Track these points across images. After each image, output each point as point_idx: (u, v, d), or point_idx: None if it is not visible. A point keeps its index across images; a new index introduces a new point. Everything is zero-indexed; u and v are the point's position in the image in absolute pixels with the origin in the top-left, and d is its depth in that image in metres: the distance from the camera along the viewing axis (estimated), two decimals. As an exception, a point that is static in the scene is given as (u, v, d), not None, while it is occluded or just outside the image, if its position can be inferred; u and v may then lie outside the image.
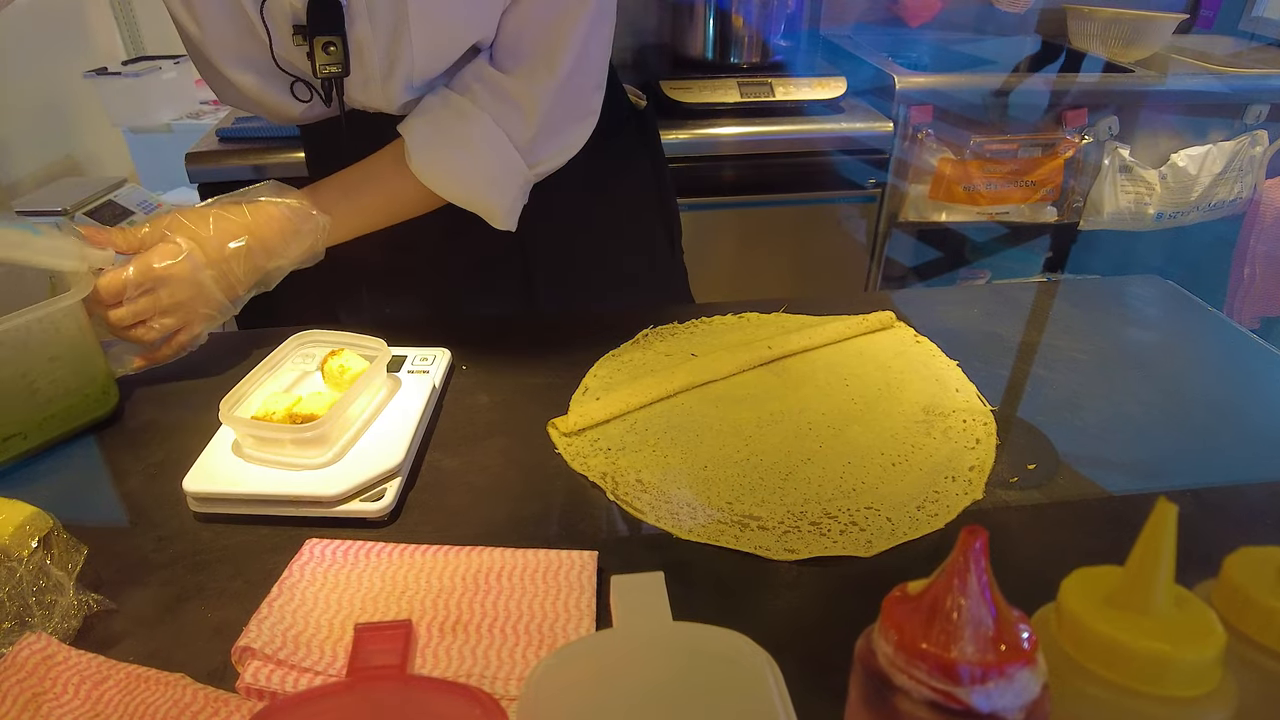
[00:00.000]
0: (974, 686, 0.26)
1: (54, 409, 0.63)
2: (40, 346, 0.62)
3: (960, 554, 0.27)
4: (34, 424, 0.62)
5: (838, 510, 0.60)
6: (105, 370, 0.67)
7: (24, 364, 0.61)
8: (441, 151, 0.74)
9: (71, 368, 0.64)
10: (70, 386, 0.64)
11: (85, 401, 0.65)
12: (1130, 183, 1.71)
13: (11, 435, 0.61)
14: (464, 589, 0.51)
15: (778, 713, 0.32)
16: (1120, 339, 0.83)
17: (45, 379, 0.62)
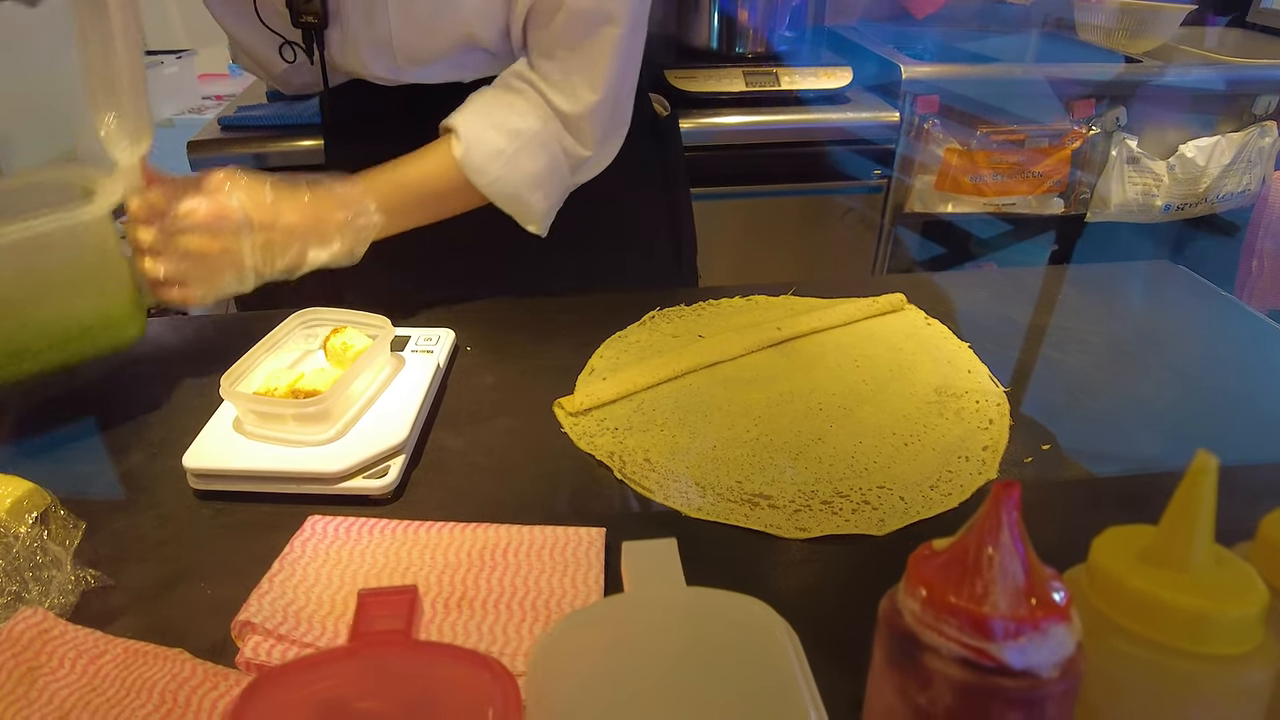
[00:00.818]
0: (1007, 642, 0.25)
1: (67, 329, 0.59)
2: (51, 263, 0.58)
3: (993, 507, 0.26)
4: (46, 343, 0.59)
5: (849, 489, 0.58)
6: (128, 292, 0.62)
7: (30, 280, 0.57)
8: (494, 148, 0.73)
9: (85, 289, 0.59)
10: (81, 308, 0.60)
11: (101, 324, 0.61)
12: (1138, 174, 1.69)
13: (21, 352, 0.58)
14: (469, 565, 0.50)
15: (797, 679, 0.31)
16: (1132, 322, 0.82)
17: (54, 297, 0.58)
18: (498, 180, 0.73)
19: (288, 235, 0.66)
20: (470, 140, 0.72)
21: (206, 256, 0.63)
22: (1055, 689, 0.25)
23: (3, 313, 0.57)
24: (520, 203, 0.75)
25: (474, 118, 0.73)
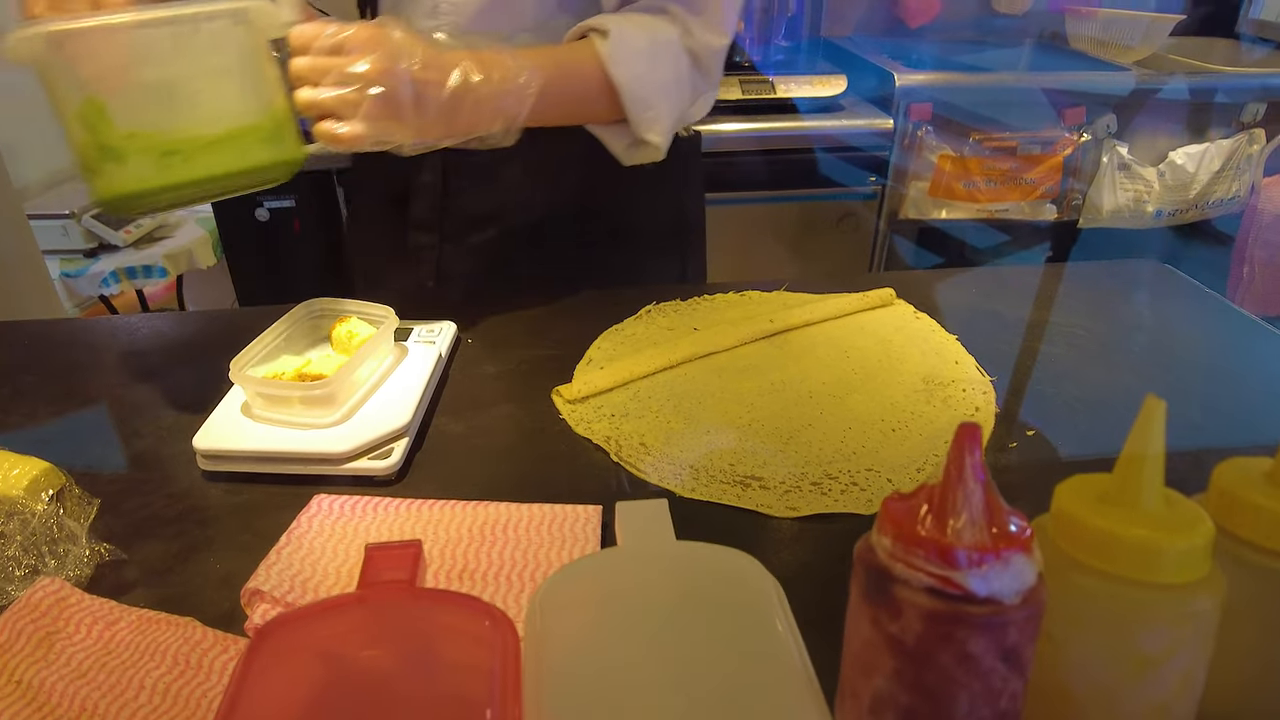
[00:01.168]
0: (970, 570, 0.26)
1: (219, 131, 0.54)
2: (208, 51, 0.54)
3: (955, 447, 0.28)
4: (198, 144, 0.54)
5: (838, 472, 0.60)
6: (285, 109, 0.57)
7: (185, 67, 0.53)
8: (636, 46, 0.73)
9: (241, 86, 0.55)
10: (238, 108, 0.55)
11: (255, 135, 0.56)
12: (1129, 180, 1.72)
13: (172, 151, 0.53)
14: (470, 540, 0.52)
15: (783, 631, 0.33)
16: (1120, 317, 0.84)
17: (211, 92, 0.54)
18: (636, 79, 0.73)
19: (450, 67, 0.62)
20: (615, 34, 0.72)
21: (361, 79, 0.58)
22: (1017, 615, 0.27)
23: (156, 98, 0.53)
24: (650, 108, 0.74)
25: (618, 18, 0.74)
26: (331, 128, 0.58)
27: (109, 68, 0.51)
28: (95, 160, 0.52)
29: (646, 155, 0.79)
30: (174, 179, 0.53)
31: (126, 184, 0.52)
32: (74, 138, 0.53)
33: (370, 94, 0.58)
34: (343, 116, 0.58)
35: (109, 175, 0.52)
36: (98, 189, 0.54)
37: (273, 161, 0.57)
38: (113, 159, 0.51)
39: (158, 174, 0.53)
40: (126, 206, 0.56)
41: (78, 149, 0.53)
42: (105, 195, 0.53)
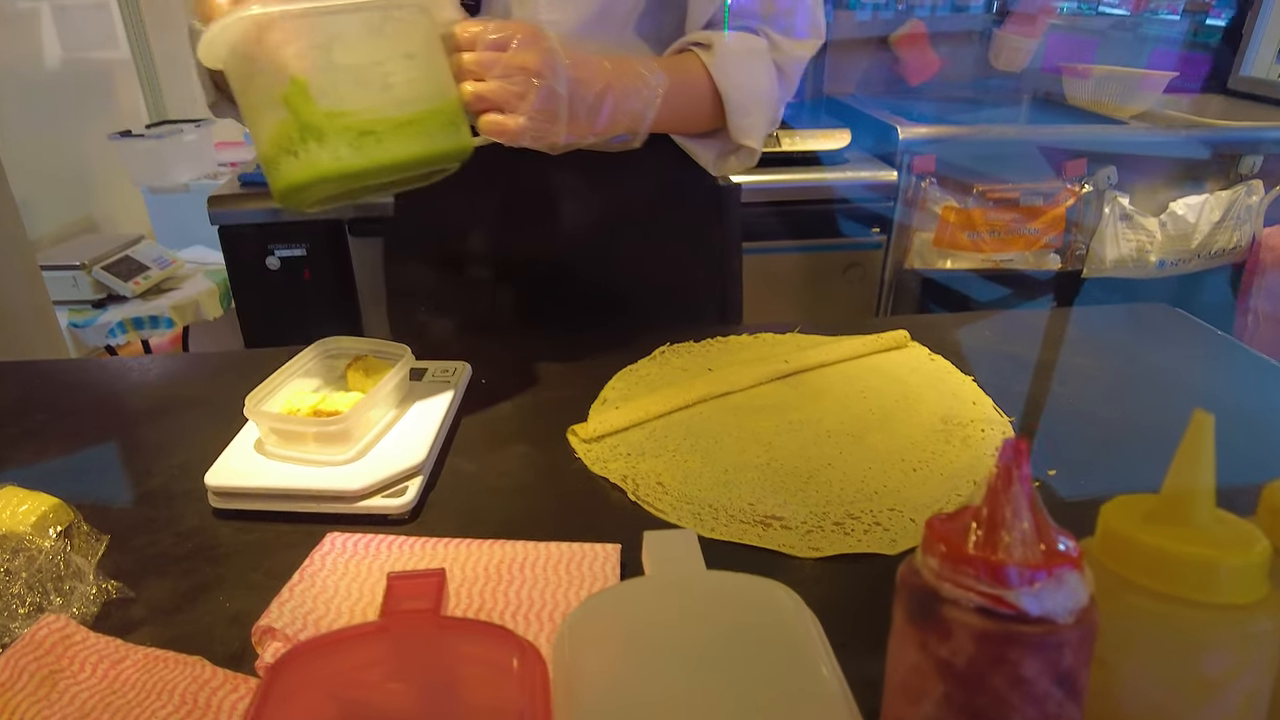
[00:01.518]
0: (1022, 588, 0.25)
1: (408, 114, 0.56)
2: (396, 37, 0.56)
3: (1002, 463, 0.27)
4: (390, 125, 0.55)
5: (861, 511, 0.59)
6: (457, 99, 0.60)
7: (377, 50, 0.55)
8: (738, 54, 0.77)
9: (424, 72, 0.57)
10: (423, 92, 0.57)
11: (437, 120, 0.58)
12: (1131, 230, 1.74)
13: (368, 131, 0.55)
14: (487, 579, 0.50)
15: (822, 661, 0.32)
16: (1134, 358, 0.84)
17: (399, 75, 0.56)
18: (738, 88, 0.76)
19: (596, 68, 0.65)
20: (718, 47, 0.76)
21: (525, 72, 0.60)
22: (1072, 635, 0.26)
23: (353, 79, 0.55)
24: (748, 115, 0.78)
25: (716, 34, 0.77)
26: (498, 119, 0.60)
27: (311, 49, 0.53)
28: (296, 141, 0.53)
29: (738, 163, 0.83)
30: (368, 160, 0.54)
31: (325, 163, 0.53)
32: (270, 124, 0.54)
33: (534, 86, 0.60)
34: (506, 109, 0.60)
35: (309, 155, 0.53)
36: (293, 173, 0.54)
37: (451, 147, 0.59)
38: (314, 137, 0.53)
39: (354, 154, 0.54)
40: (317, 191, 0.56)
41: (275, 134, 0.54)
42: (302, 177, 0.54)
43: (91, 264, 2.02)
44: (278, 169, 0.55)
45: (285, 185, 0.55)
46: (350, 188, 0.56)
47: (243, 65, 0.54)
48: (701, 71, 0.76)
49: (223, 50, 0.54)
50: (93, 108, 2.45)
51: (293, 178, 0.54)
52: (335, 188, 0.56)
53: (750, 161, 0.83)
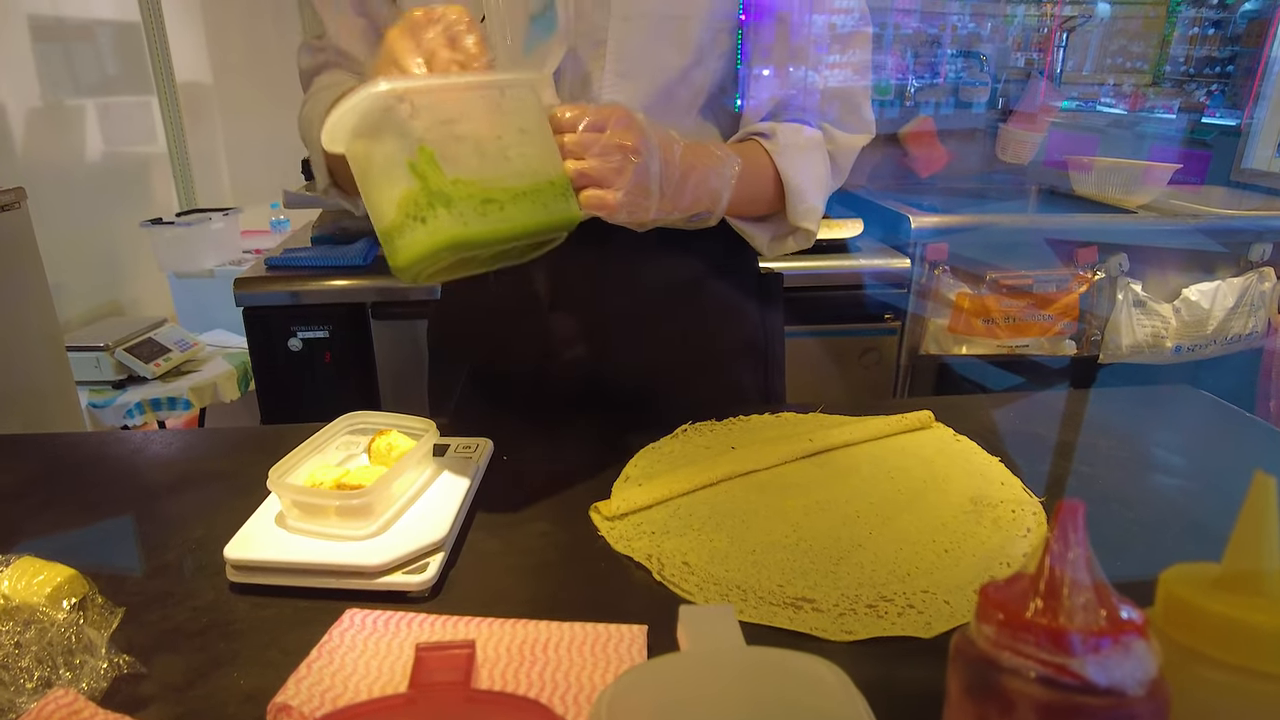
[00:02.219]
0: (1087, 656, 0.24)
1: (525, 184, 0.58)
2: (511, 113, 0.59)
3: (1060, 526, 0.26)
4: (510, 195, 0.57)
5: (893, 594, 0.57)
6: (565, 174, 0.62)
7: (498, 124, 0.58)
8: (799, 145, 0.82)
9: (537, 147, 0.60)
10: (535, 167, 0.59)
11: (551, 191, 0.60)
12: (1145, 316, 1.74)
13: (491, 199, 0.56)
14: (509, 660, 0.49)
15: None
16: (1161, 439, 0.82)
17: (515, 148, 0.58)
18: (799, 174, 0.80)
19: (681, 149, 0.69)
20: (780, 136, 0.81)
21: (622, 150, 0.64)
22: (1143, 709, 0.24)
23: (476, 150, 0.57)
24: (805, 201, 0.82)
25: (775, 125, 0.82)
26: (598, 193, 0.63)
27: (438, 122, 0.55)
28: (424, 207, 0.55)
29: (794, 244, 0.86)
30: (491, 227, 0.56)
31: (453, 229, 0.55)
32: (397, 193, 0.56)
33: (631, 163, 0.64)
34: (605, 185, 0.64)
35: (437, 221, 0.55)
36: (422, 240, 0.55)
37: (564, 217, 0.61)
38: (442, 203, 0.54)
39: (480, 220, 0.56)
40: (440, 259, 0.57)
41: (403, 201, 0.56)
42: (431, 244, 0.55)
43: (115, 345, 2.05)
44: (404, 237, 0.56)
45: (414, 253, 0.56)
46: (467, 256, 0.58)
47: (370, 139, 0.57)
48: (765, 158, 0.80)
49: (351, 124, 0.56)
50: (127, 197, 2.53)
51: (421, 244, 0.56)
52: (456, 255, 0.57)
53: (806, 243, 0.86)
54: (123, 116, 2.53)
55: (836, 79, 0.84)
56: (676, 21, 0.78)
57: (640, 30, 0.77)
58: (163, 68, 2.58)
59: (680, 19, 0.78)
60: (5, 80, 2.10)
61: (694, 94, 0.82)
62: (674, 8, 0.77)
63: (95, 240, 2.38)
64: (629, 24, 0.76)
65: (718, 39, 0.81)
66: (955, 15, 2.23)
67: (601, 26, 0.76)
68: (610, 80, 0.78)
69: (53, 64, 2.25)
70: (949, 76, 2.24)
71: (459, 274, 0.62)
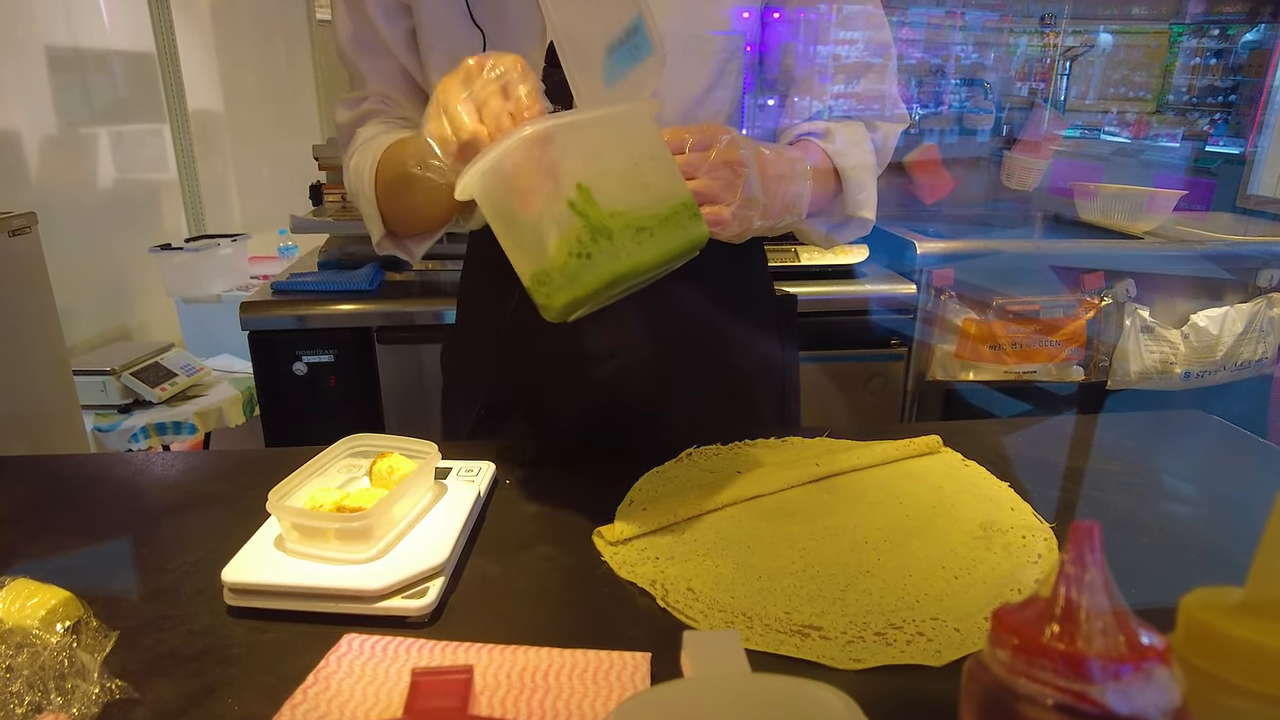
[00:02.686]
0: (1108, 682, 0.23)
1: (665, 209, 0.58)
2: (643, 141, 0.59)
3: (1076, 547, 0.26)
4: (657, 221, 0.57)
5: (902, 621, 0.56)
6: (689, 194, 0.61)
7: (633, 153, 0.58)
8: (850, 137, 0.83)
9: (666, 171, 0.60)
10: (669, 190, 0.59)
11: (686, 213, 0.59)
12: (1154, 342, 1.73)
13: (643, 228, 0.56)
14: (509, 687, 0.48)
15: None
16: (1172, 465, 0.81)
17: (651, 175, 0.58)
18: (854, 168, 0.81)
19: (767, 158, 0.71)
20: (833, 134, 0.82)
21: (729, 166, 0.65)
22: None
23: (624, 181, 0.56)
24: (863, 189, 0.83)
25: (823, 123, 0.84)
26: (715, 209, 0.64)
27: (587, 157, 0.55)
28: (588, 243, 0.54)
29: (852, 233, 0.87)
30: (649, 253, 0.56)
31: (617, 261, 0.54)
32: (557, 233, 0.55)
33: (740, 176, 0.65)
34: (718, 201, 0.65)
35: (602, 254, 0.54)
36: (589, 276, 0.55)
37: (698, 237, 0.60)
38: (604, 236, 0.54)
39: (637, 250, 0.55)
40: (604, 293, 0.56)
41: (564, 241, 0.55)
42: (599, 278, 0.55)
43: (121, 369, 2.05)
44: (568, 276, 0.55)
45: (584, 289, 0.55)
46: (621, 288, 0.58)
47: (518, 185, 0.56)
48: (823, 157, 0.82)
49: (501, 171, 0.56)
50: (138, 223, 2.55)
51: (590, 280, 0.55)
52: (621, 287, 0.57)
53: (864, 230, 0.87)
54: (135, 144, 2.56)
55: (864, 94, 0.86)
56: (696, 42, 0.79)
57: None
58: (175, 96, 2.62)
59: (699, 39, 0.79)
60: (22, 108, 2.12)
61: (712, 117, 0.83)
62: (694, 27, 0.79)
63: (104, 265, 2.40)
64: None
65: (731, 64, 0.83)
66: (959, 45, 2.25)
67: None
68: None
69: (69, 92, 2.28)
70: (953, 105, 2.25)
71: (600, 305, 0.61)
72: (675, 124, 0.79)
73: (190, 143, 2.68)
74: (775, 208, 0.72)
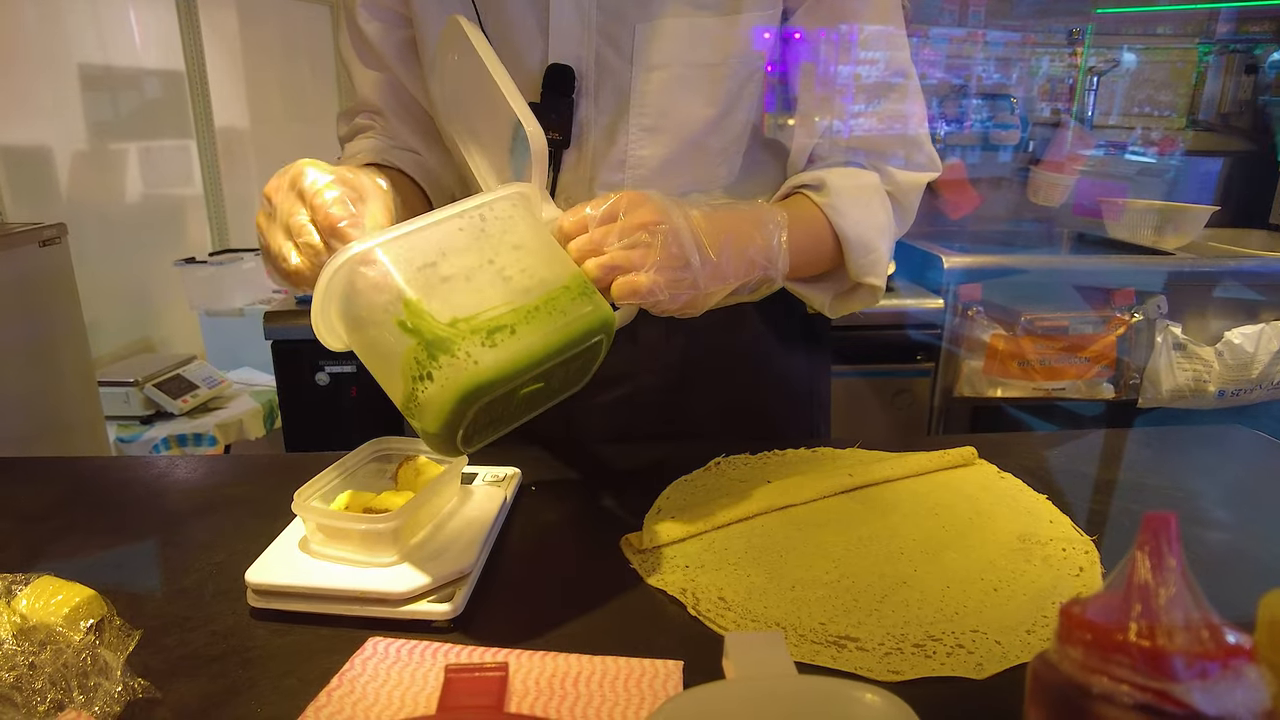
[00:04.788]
0: (1193, 682, 0.22)
1: (534, 299, 0.52)
2: (499, 233, 0.54)
3: (1152, 539, 0.24)
4: (519, 315, 0.51)
5: (941, 633, 0.54)
6: (580, 273, 0.56)
7: (484, 249, 0.52)
8: (852, 193, 0.74)
9: (538, 257, 0.54)
10: (542, 277, 0.53)
11: (566, 296, 0.53)
12: (1186, 360, 1.70)
13: (497, 328, 0.50)
14: (538, 694, 0.46)
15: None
16: (1217, 479, 0.79)
17: (513, 266, 0.53)
18: (857, 225, 0.74)
19: (712, 213, 0.62)
20: (830, 186, 0.74)
21: (642, 227, 0.57)
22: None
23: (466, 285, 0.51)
24: (871, 252, 0.75)
25: (824, 172, 0.75)
26: (629, 278, 0.56)
27: (417, 270, 0.50)
28: (427, 362, 0.49)
29: (858, 302, 0.80)
30: (507, 357, 0.50)
31: (463, 374, 0.48)
32: (397, 360, 0.50)
33: (657, 233, 0.57)
34: (634, 269, 0.57)
35: (444, 373, 0.49)
36: (435, 400, 0.49)
37: (591, 319, 0.54)
38: (443, 350, 0.48)
39: (491, 354, 0.49)
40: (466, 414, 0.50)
41: (404, 366, 0.50)
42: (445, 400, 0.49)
43: (144, 381, 2.07)
44: (420, 404, 0.50)
45: (434, 417, 0.49)
46: (501, 400, 0.52)
47: (356, 317, 0.52)
48: (816, 213, 0.74)
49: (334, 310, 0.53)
50: (163, 237, 2.59)
51: (437, 404, 0.49)
52: (480, 402, 0.50)
53: (872, 300, 0.79)
54: (162, 159, 2.60)
55: (884, 115, 0.78)
56: (705, 69, 0.73)
57: (667, 81, 0.73)
58: (202, 113, 2.66)
59: (708, 66, 0.73)
60: (55, 124, 2.16)
61: (727, 143, 0.77)
62: (701, 55, 0.73)
63: (130, 278, 2.42)
64: (654, 74, 0.73)
65: (748, 86, 0.76)
66: (980, 65, 2.24)
67: (625, 78, 0.73)
68: (636, 135, 0.74)
69: (99, 109, 2.32)
70: (979, 122, 2.24)
71: (511, 424, 0.56)
72: (688, 153, 0.75)
73: (216, 159, 2.71)
74: (730, 266, 0.62)
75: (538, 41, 0.72)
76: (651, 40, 0.72)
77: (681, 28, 0.72)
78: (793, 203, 0.76)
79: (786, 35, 0.78)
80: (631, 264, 0.56)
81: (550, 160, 0.74)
